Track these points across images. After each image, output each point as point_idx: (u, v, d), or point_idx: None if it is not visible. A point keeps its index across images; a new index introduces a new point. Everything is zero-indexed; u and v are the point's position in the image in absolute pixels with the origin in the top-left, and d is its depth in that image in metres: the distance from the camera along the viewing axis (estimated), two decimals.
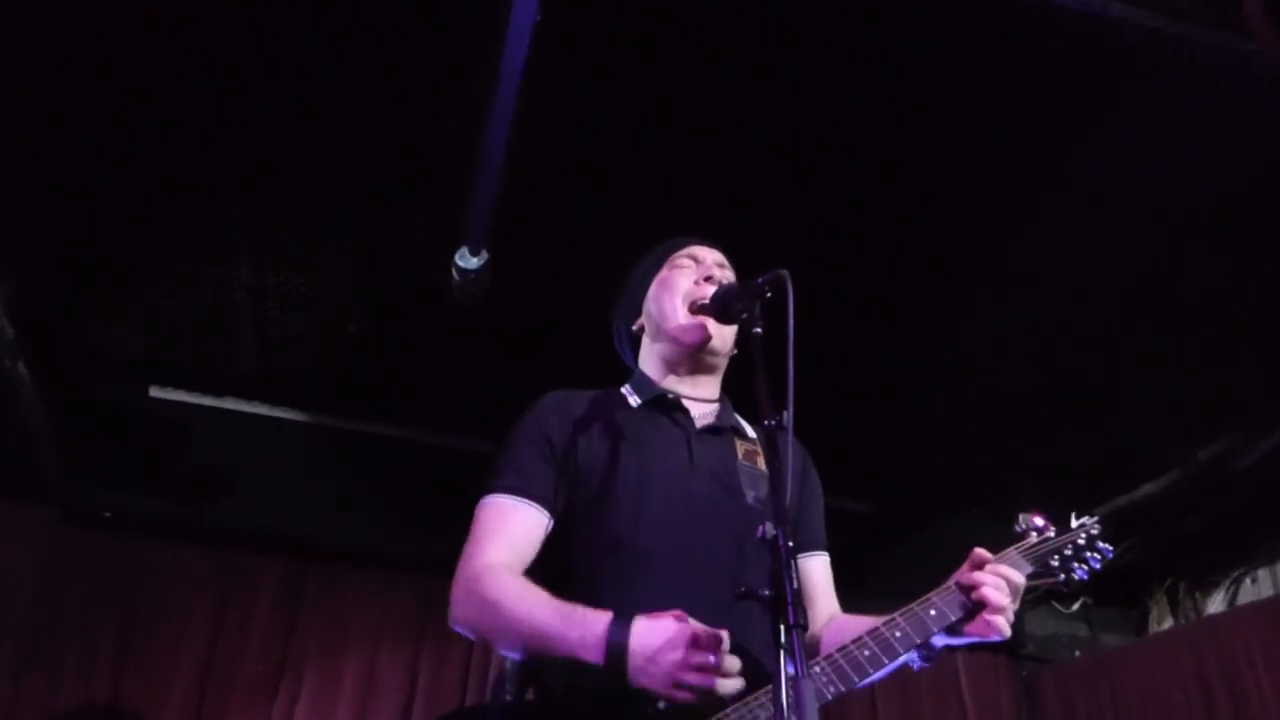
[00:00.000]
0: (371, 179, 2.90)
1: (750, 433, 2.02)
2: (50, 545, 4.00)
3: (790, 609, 1.30)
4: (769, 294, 1.70)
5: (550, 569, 1.81)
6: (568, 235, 3.11)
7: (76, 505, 4.00)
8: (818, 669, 1.60)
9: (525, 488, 1.83)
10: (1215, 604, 4.84)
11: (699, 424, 1.95)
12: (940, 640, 1.68)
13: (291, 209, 3.03)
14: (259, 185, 2.93)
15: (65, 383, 3.62)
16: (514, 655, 1.72)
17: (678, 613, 1.54)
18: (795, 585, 1.33)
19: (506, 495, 1.83)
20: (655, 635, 1.52)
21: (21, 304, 3.20)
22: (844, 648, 1.64)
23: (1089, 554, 1.86)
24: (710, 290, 1.93)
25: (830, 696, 1.58)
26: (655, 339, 2.05)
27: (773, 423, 1.51)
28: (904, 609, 1.68)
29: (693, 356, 1.99)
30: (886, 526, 4.61)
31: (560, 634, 1.58)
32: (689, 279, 2.01)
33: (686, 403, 1.97)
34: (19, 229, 3.08)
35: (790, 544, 1.37)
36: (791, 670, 1.26)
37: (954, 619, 1.66)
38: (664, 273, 2.07)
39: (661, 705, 1.51)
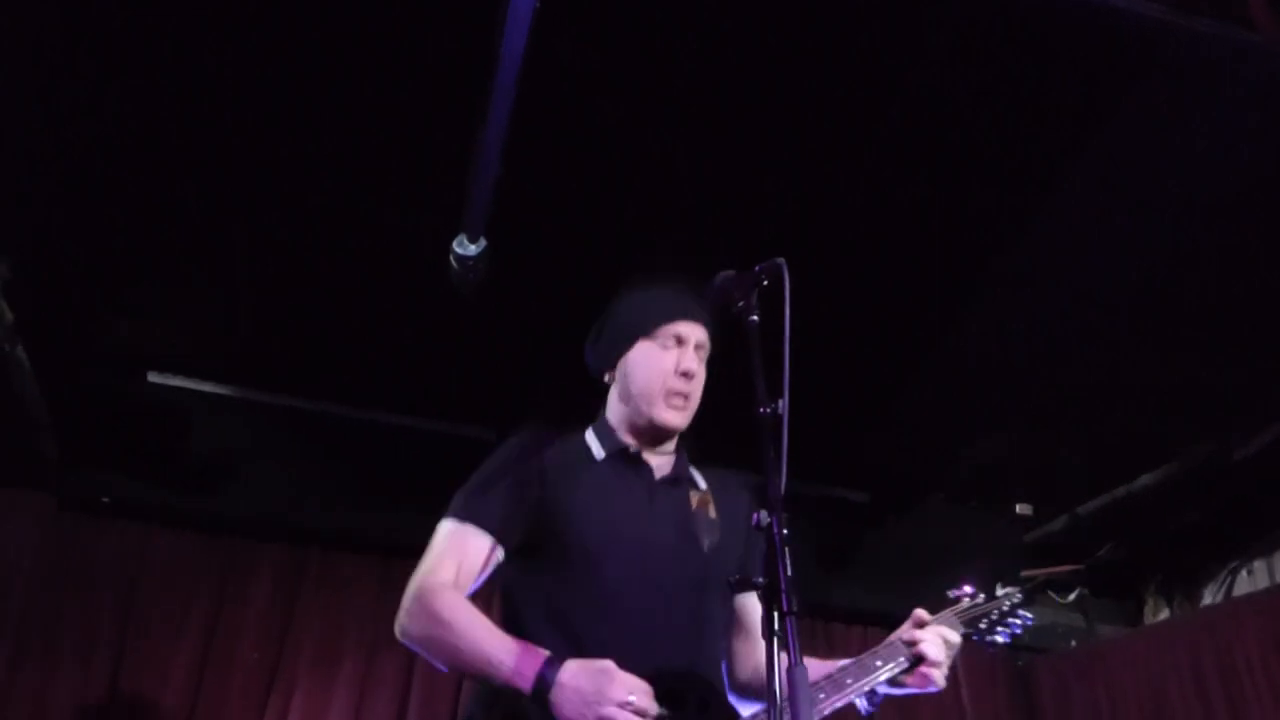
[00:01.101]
0: (370, 166, 2.90)
1: (702, 483, 2.10)
2: (47, 531, 4.00)
3: (784, 596, 1.31)
4: (765, 282, 1.71)
5: (515, 608, 1.92)
6: (567, 223, 3.10)
7: (74, 491, 4.00)
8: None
9: (479, 518, 1.92)
10: (1211, 595, 4.85)
11: (657, 475, 2.04)
12: (882, 689, 1.89)
13: (290, 195, 3.03)
14: (258, 171, 2.92)
15: (63, 368, 3.62)
16: (446, 670, 1.84)
17: (607, 662, 1.65)
18: (789, 572, 1.34)
19: (462, 522, 1.92)
20: (583, 673, 1.63)
21: (20, 288, 3.20)
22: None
23: (1011, 620, 2.14)
24: (687, 385, 2.02)
25: None
26: (624, 402, 2.10)
27: (768, 410, 1.53)
28: (854, 659, 1.88)
29: (660, 433, 2.06)
30: (884, 516, 4.62)
31: (500, 661, 1.68)
32: (670, 364, 2.03)
33: (646, 455, 2.06)
34: (19, 214, 3.08)
35: (785, 531, 1.38)
36: (786, 658, 1.27)
37: (897, 671, 1.87)
38: (647, 345, 2.08)
39: None
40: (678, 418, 2.02)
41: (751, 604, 2.04)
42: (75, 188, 3.01)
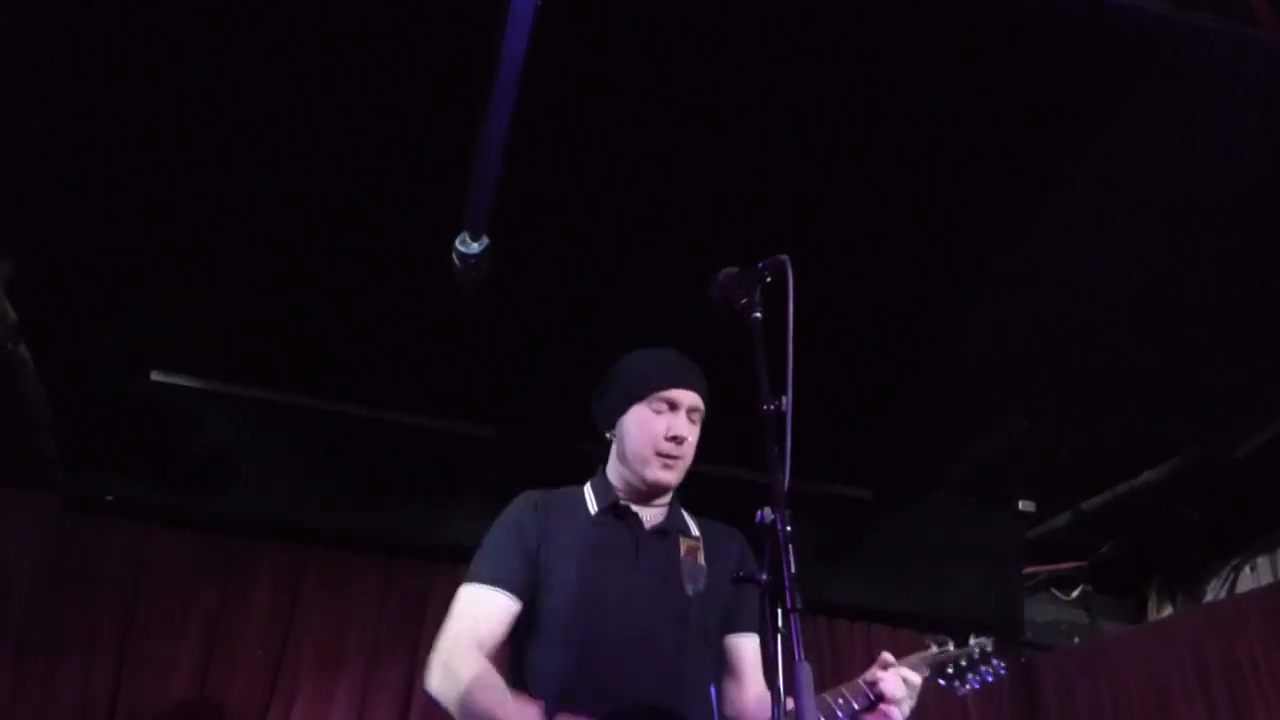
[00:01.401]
0: (371, 163, 2.90)
1: (695, 531, 2.25)
2: (49, 531, 4.01)
3: (788, 593, 1.31)
4: (769, 279, 1.71)
5: (515, 657, 2.11)
6: (568, 221, 3.10)
7: (76, 490, 4.00)
8: None
9: (497, 579, 2.09)
10: (1214, 592, 4.85)
11: (647, 526, 2.20)
12: None
13: (291, 194, 3.03)
14: (258, 170, 2.92)
15: (66, 367, 3.62)
16: None
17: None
18: (793, 570, 1.34)
19: (481, 584, 2.10)
20: None
21: (22, 288, 3.20)
22: None
23: (982, 667, 2.23)
24: (678, 449, 2.16)
25: None
26: (621, 461, 2.24)
27: (772, 408, 1.53)
28: (817, 695, 1.92)
29: (654, 491, 2.21)
30: (886, 513, 4.62)
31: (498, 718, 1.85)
32: (661, 429, 2.17)
33: (637, 509, 2.21)
34: (21, 213, 3.08)
35: (788, 529, 1.39)
36: (790, 654, 1.27)
37: (857, 708, 1.96)
38: (643, 411, 2.21)
39: None
40: (669, 475, 2.17)
41: (741, 646, 2.19)
42: (76, 187, 3.02)
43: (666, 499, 2.25)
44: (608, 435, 2.29)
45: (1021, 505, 4.76)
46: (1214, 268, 3.15)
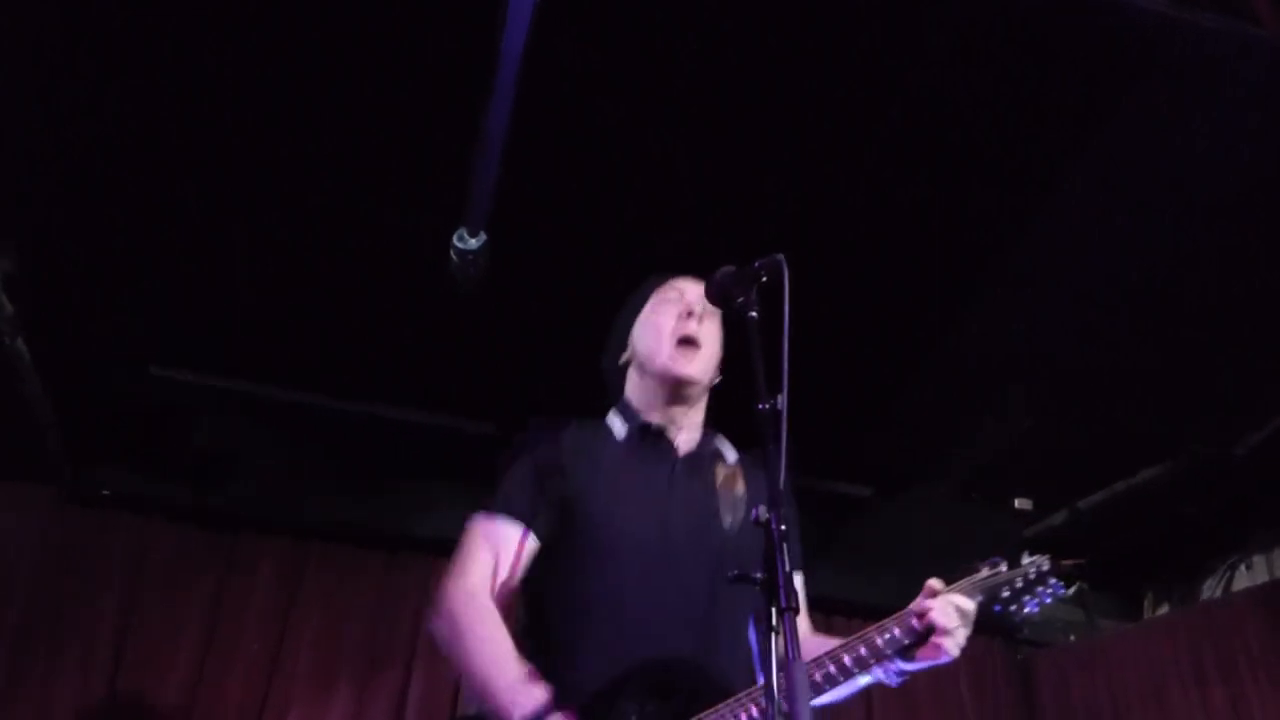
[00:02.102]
0: (370, 160, 2.89)
1: (730, 457, 2.11)
2: (50, 525, 4.02)
3: (782, 592, 1.32)
4: (765, 279, 1.71)
5: (538, 606, 1.94)
6: (567, 218, 3.10)
7: (76, 484, 4.00)
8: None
9: (508, 507, 1.95)
10: (1211, 590, 4.85)
11: (681, 451, 2.06)
12: (898, 664, 1.83)
13: (291, 191, 3.03)
14: (259, 165, 2.92)
15: (65, 360, 3.62)
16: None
17: None
18: (787, 568, 1.34)
19: (491, 514, 1.96)
20: None
21: (21, 280, 3.20)
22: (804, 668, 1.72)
23: (1040, 589, 1.99)
24: (694, 326, 2.06)
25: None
26: (640, 373, 2.13)
27: (767, 406, 1.53)
28: (862, 632, 1.82)
29: (676, 390, 2.07)
30: (885, 509, 4.62)
31: (494, 691, 1.71)
32: (673, 315, 2.09)
33: (670, 432, 2.07)
34: (21, 209, 3.08)
35: (783, 527, 1.39)
36: (783, 653, 1.27)
37: (906, 642, 1.81)
38: (649, 309, 2.16)
39: None
40: (688, 365, 2.04)
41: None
42: (76, 183, 3.01)
43: (699, 421, 2.11)
44: (622, 360, 2.18)
45: (1019, 503, 4.76)
46: (1213, 267, 3.15)
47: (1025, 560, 2.00)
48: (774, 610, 1.32)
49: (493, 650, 1.77)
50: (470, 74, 2.44)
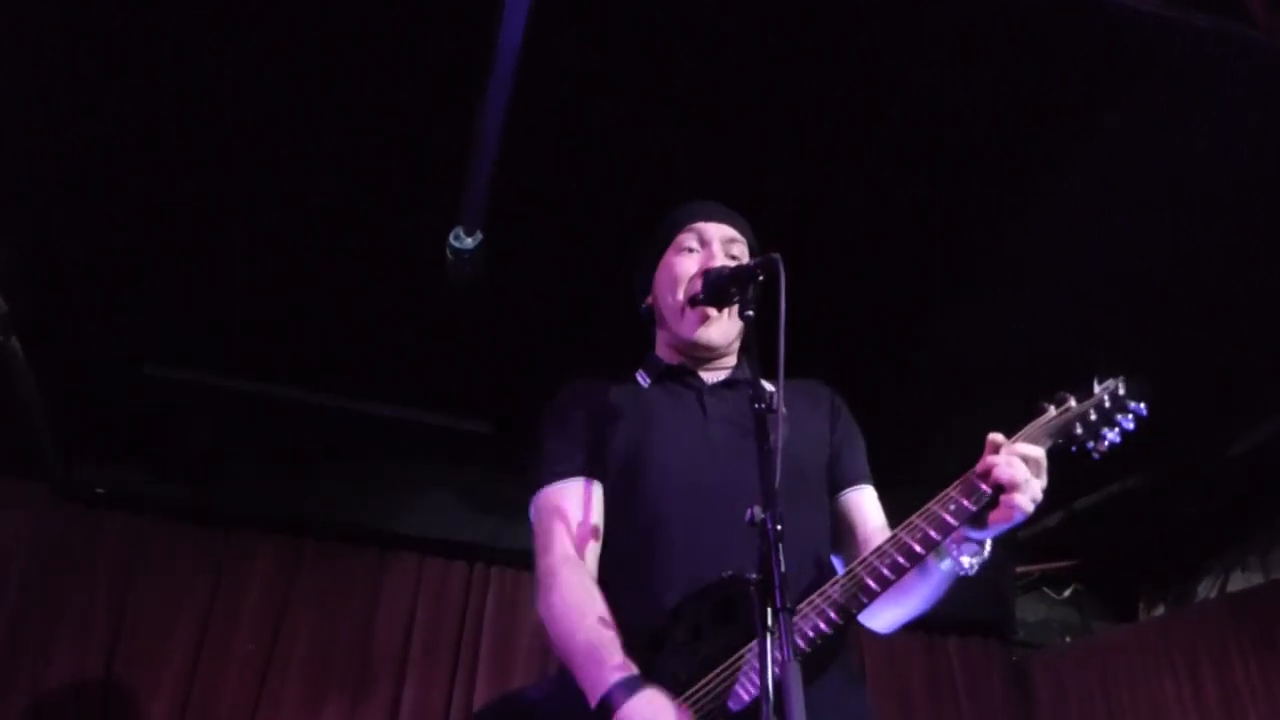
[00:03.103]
0: (367, 159, 2.89)
1: (770, 386, 1.96)
2: (43, 522, 4.00)
3: (778, 592, 1.30)
4: (761, 277, 1.70)
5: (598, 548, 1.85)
6: (564, 217, 3.10)
7: (69, 481, 3.99)
8: (835, 589, 1.61)
9: (567, 469, 1.86)
10: (1206, 591, 4.85)
11: (710, 382, 1.97)
12: (970, 534, 1.64)
13: (288, 190, 3.02)
14: (254, 164, 2.91)
15: (59, 358, 3.61)
16: None
17: (683, 706, 1.56)
18: (783, 568, 1.32)
19: (554, 482, 1.86)
20: (648, 711, 1.52)
21: (14, 277, 3.19)
22: (863, 559, 1.63)
23: (1118, 415, 1.74)
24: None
25: (847, 611, 1.59)
26: (661, 325, 2.05)
27: (762, 406, 1.52)
28: (922, 509, 1.63)
29: (697, 353, 1.99)
30: (886, 507, 4.61)
31: (583, 667, 1.62)
32: (691, 266, 1.96)
33: (698, 370, 1.98)
34: (18, 206, 3.06)
35: (779, 527, 1.37)
36: (779, 654, 1.26)
37: (974, 509, 1.60)
38: (669, 255, 2.02)
39: None
40: (708, 330, 1.93)
41: (855, 504, 1.96)
42: (71, 181, 3.01)
43: (731, 360, 2.02)
44: (646, 304, 2.08)
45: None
46: (1211, 266, 3.16)
47: (1098, 387, 1.77)
48: (770, 611, 1.30)
49: (578, 630, 1.67)
50: (466, 73, 2.43)
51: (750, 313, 1.69)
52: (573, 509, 1.83)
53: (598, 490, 1.86)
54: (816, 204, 2.95)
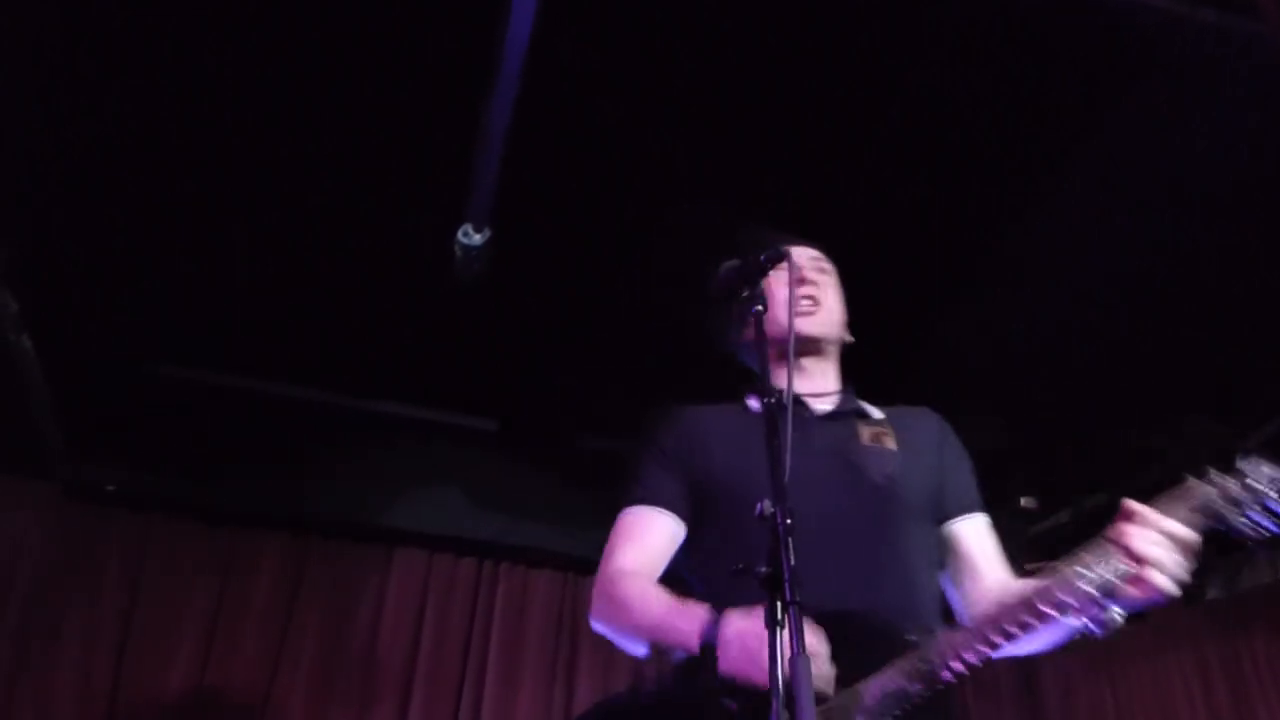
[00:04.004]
0: (373, 156, 2.90)
1: (877, 415, 2.04)
2: (52, 520, 4.02)
3: (787, 586, 1.31)
4: (770, 271, 1.70)
5: (685, 579, 1.89)
6: (570, 214, 3.10)
7: (78, 480, 4.01)
8: (957, 636, 1.60)
9: (650, 497, 1.93)
10: (1215, 589, 4.84)
11: (816, 412, 1.98)
12: (1108, 604, 1.55)
13: (293, 185, 3.03)
14: (259, 161, 2.92)
15: (68, 357, 3.62)
16: (639, 651, 1.80)
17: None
18: (792, 561, 1.33)
19: (638, 505, 1.94)
20: (746, 622, 1.55)
21: (23, 276, 3.20)
22: (992, 619, 1.59)
23: (1270, 500, 1.55)
24: (810, 289, 2.02)
25: (963, 666, 1.59)
26: (766, 342, 2.02)
27: (772, 400, 1.53)
28: (1054, 571, 1.57)
29: (800, 351, 2.01)
30: None
31: (672, 626, 1.68)
32: (783, 281, 1.93)
33: (804, 398, 1.99)
34: (22, 203, 3.08)
35: (789, 521, 1.38)
36: (789, 648, 1.26)
37: (1109, 576, 1.53)
38: (766, 280, 2.01)
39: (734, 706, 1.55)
40: (808, 322, 1.98)
41: (967, 534, 1.95)
42: (79, 180, 3.02)
43: (834, 383, 2.05)
44: (743, 342, 2.05)
45: (1024, 502, 4.75)
46: (1213, 266, 3.15)
47: (1241, 463, 1.62)
48: (779, 604, 1.30)
49: (653, 603, 1.75)
50: (473, 70, 2.44)
51: (760, 307, 1.69)
52: (645, 535, 1.90)
53: (674, 529, 1.91)
54: (816, 203, 2.95)
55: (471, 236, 2.84)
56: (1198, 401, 3.85)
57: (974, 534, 1.97)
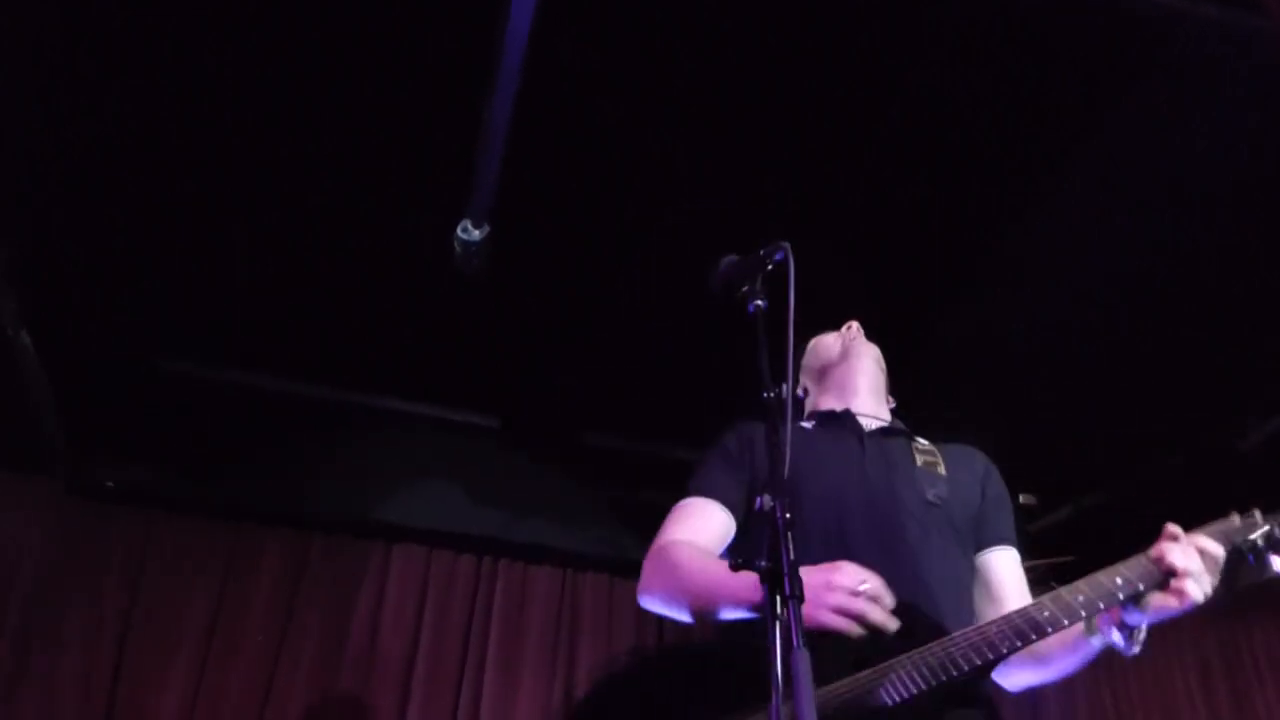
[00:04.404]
0: (373, 154, 2.90)
1: (926, 443, 2.14)
2: (53, 517, 4.02)
3: (787, 580, 1.31)
4: (770, 267, 1.70)
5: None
6: (570, 211, 3.11)
7: (80, 477, 4.01)
8: (993, 629, 1.64)
9: (707, 490, 2.01)
10: (1215, 589, 4.84)
11: (867, 428, 2.12)
12: (1133, 617, 1.66)
13: (294, 183, 3.03)
14: (262, 159, 2.92)
15: (69, 353, 3.62)
16: (685, 617, 1.84)
17: (839, 561, 1.66)
18: (792, 557, 1.33)
19: (692, 496, 2.02)
20: (811, 569, 1.58)
21: (24, 274, 3.21)
22: (1022, 609, 1.66)
23: None
24: (849, 333, 2.30)
25: (997, 653, 1.61)
26: (818, 383, 2.26)
27: (772, 395, 1.53)
28: (1088, 576, 1.67)
29: (852, 376, 2.21)
30: None
31: (727, 583, 1.69)
32: (830, 337, 2.30)
33: (857, 415, 2.14)
34: (22, 200, 3.08)
35: (788, 516, 1.38)
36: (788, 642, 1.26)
37: (1141, 588, 1.64)
38: (813, 346, 2.34)
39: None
40: (859, 351, 2.24)
41: (997, 564, 2.02)
42: (80, 178, 3.02)
43: (884, 410, 2.21)
44: (800, 394, 2.29)
45: (1023, 499, 4.76)
46: (1213, 265, 3.16)
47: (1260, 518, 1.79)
48: (778, 598, 1.31)
49: (710, 563, 1.80)
50: (473, 67, 2.45)
51: (760, 302, 1.69)
52: (698, 520, 1.97)
53: (725, 518, 1.97)
54: (817, 203, 2.96)
55: (470, 232, 2.85)
56: (1198, 401, 3.85)
57: (1003, 565, 2.04)
